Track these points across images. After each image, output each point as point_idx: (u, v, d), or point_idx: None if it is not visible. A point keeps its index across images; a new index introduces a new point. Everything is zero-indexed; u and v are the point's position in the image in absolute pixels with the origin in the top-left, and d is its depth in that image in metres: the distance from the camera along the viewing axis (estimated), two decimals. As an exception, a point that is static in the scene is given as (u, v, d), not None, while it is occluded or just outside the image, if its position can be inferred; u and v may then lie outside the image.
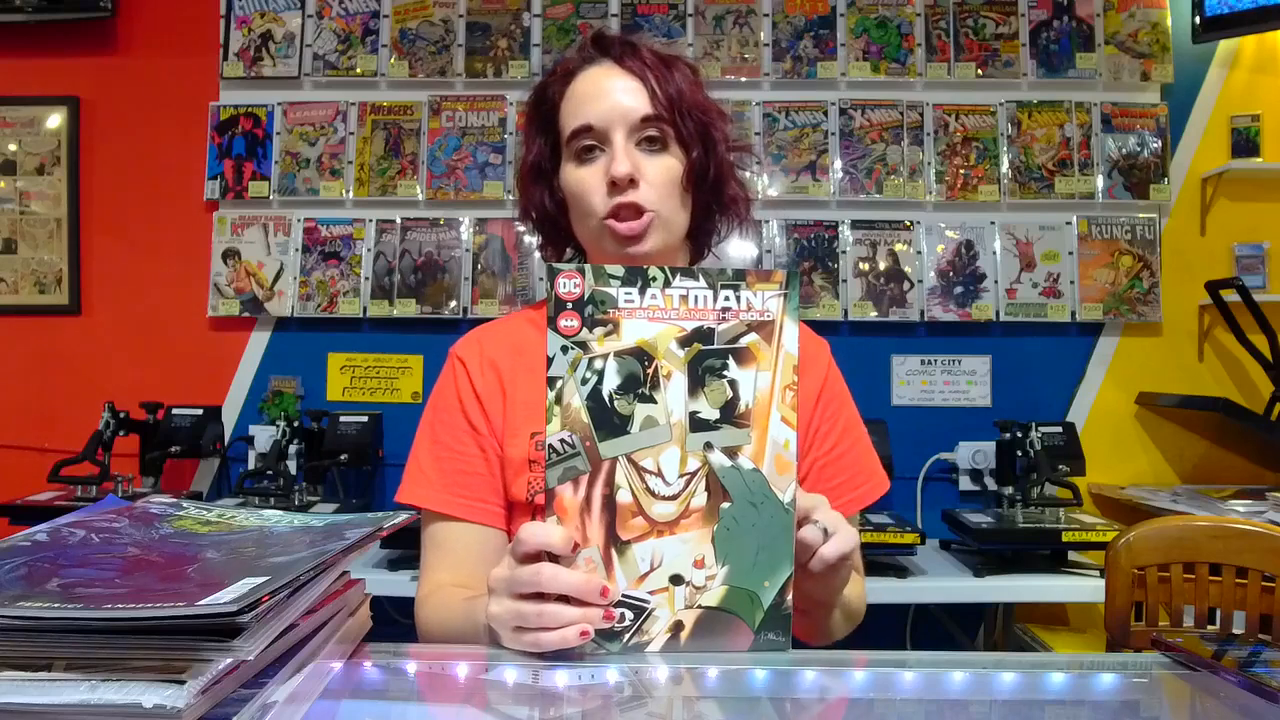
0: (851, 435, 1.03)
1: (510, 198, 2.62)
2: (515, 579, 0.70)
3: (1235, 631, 1.29)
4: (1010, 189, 2.60)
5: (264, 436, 2.44)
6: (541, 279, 2.60)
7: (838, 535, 0.75)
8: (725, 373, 0.72)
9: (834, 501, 0.97)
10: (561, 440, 0.70)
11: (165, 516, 0.73)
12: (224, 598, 0.52)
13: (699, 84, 0.98)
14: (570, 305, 0.70)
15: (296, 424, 2.42)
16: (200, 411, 2.45)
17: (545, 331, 0.70)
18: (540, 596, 0.70)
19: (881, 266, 2.59)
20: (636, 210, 0.92)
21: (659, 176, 0.94)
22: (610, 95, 0.94)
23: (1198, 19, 2.51)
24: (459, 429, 0.99)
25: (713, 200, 1.00)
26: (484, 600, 0.75)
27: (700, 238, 1.04)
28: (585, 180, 0.95)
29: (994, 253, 2.59)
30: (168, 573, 0.60)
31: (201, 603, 0.51)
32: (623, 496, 0.71)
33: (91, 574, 0.58)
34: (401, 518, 0.77)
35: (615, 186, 0.92)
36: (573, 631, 0.69)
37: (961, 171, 2.61)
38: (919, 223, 2.60)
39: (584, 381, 0.70)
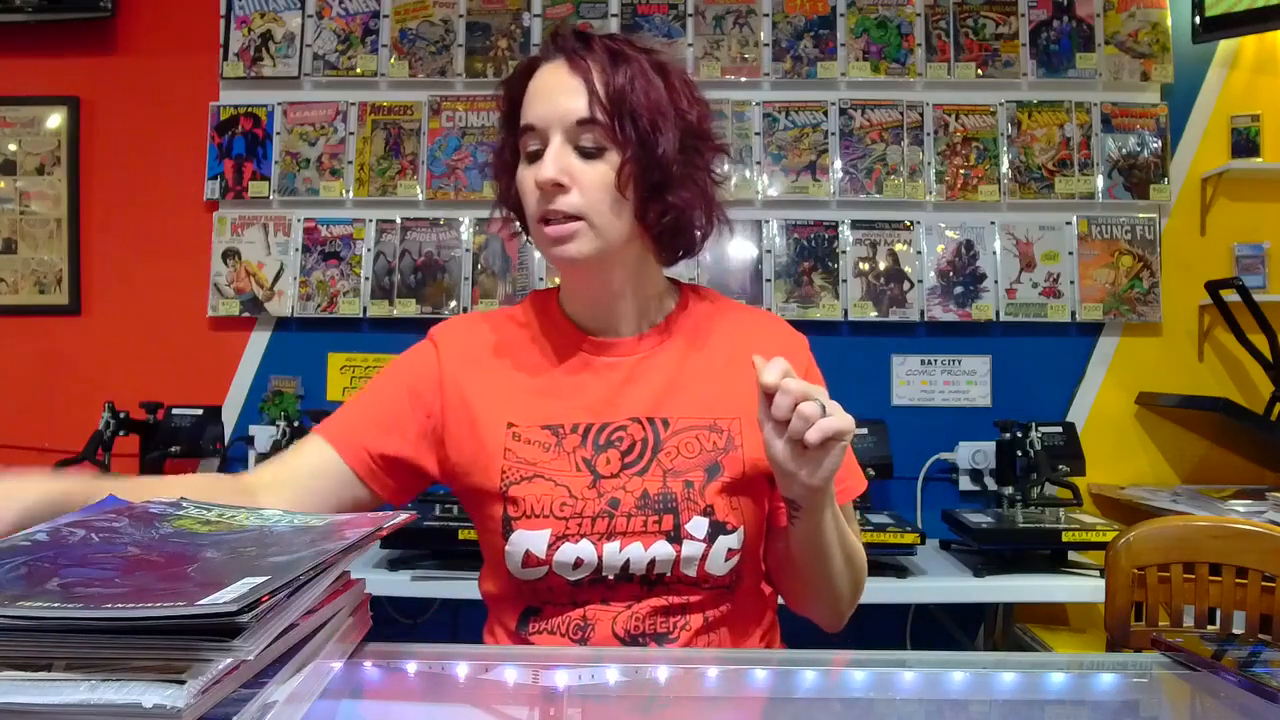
0: None
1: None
2: None
3: (1235, 631, 1.29)
4: (1010, 189, 2.60)
5: (264, 436, 2.44)
6: (541, 279, 2.60)
7: (836, 414, 0.79)
8: None
9: None
10: None
11: (165, 516, 0.73)
12: (224, 597, 0.52)
13: (651, 82, 0.93)
14: None
15: (296, 424, 2.42)
16: (200, 411, 2.45)
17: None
18: None
19: (881, 266, 2.59)
20: (564, 215, 0.92)
21: (590, 182, 0.92)
22: (552, 96, 0.93)
23: (1198, 19, 2.51)
24: (390, 390, 1.01)
25: (660, 203, 0.95)
26: None
27: (667, 240, 0.99)
28: (525, 180, 0.95)
29: (994, 253, 2.59)
30: (168, 572, 0.60)
31: (201, 602, 0.52)
32: None
33: (92, 574, 0.58)
34: (401, 517, 0.77)
35: (544, 191, 0.92)
36: None
37: (961, 171, 2.61)
38: (919, 223, 2.60)
39: None
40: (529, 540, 0.92)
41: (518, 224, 1.05)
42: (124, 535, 0.67)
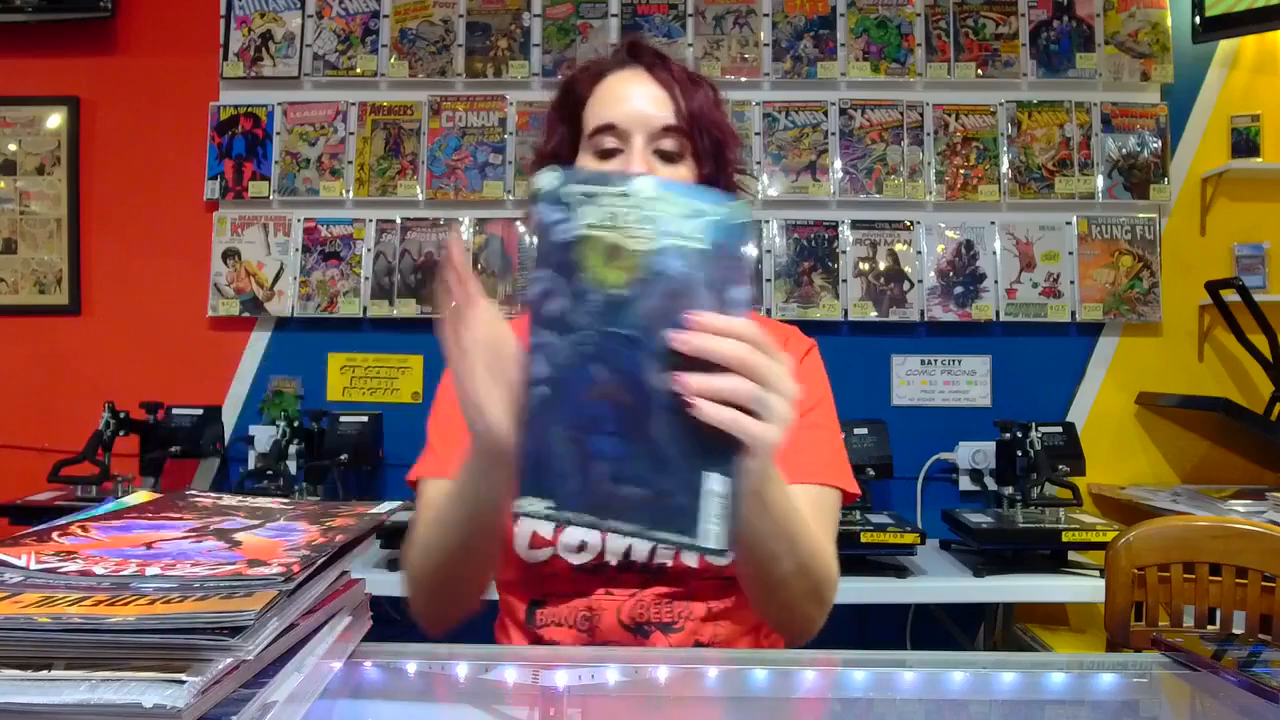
0: (811, 420, 1.01)
1: (510, 198, 2.62)
2: None
3: (1235, 631, 1.29)
4: (1010, 189, 2.60)
5: (264, 436, 2.44)
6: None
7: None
8: None
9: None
10: None
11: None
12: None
13: (719, 106, 1.02)
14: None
15: (296, 424, 2.42)
16: (200, 411, 2.45)
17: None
18: None
19: (881, 266, 2.59)
20: None
21: None
22: (636, 100, 0.98)
23: (1198, 19, 2.51)
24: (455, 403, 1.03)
25: None
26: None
27: None
28: None
29: (994, 253, 2.59)
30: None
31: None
32: None
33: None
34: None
35: None
36: None
37: (961, 171, 2.61)
38: (919, 223, 2.60)
39: None
40: (535, 521, 0.94)
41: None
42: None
